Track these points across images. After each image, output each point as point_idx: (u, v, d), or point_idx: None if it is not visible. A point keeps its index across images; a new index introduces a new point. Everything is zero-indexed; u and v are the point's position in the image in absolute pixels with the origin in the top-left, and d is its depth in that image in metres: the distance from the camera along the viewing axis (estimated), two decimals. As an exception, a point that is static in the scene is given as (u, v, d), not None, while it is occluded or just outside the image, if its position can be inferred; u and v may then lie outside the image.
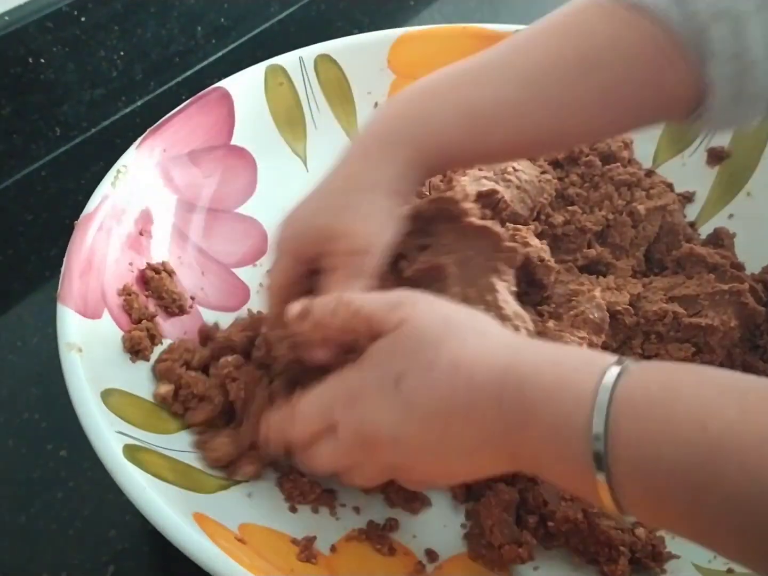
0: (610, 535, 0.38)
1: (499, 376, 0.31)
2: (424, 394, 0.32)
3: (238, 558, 0.34)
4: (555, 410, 0.30)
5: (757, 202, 0.55)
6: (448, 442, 0.33)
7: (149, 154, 0.52)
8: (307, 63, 0.61)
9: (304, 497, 0.42)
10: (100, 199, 0.48)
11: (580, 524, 0.39)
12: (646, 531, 0.39)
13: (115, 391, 0.41)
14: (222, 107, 0.57)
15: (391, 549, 0.40)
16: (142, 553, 0.43)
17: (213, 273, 0.53)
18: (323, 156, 0.60)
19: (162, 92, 0.74)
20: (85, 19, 0.65)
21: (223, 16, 0.77)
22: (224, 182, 0.56)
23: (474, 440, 0.32)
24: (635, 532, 0.38)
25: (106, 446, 0.36)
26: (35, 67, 0.62)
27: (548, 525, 0.40)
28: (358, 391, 0.34)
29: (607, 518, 0.38)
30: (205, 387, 0.43)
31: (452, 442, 0.33)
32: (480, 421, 0.32)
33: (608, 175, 0.56)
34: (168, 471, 0.38)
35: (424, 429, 0.33)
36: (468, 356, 0.32)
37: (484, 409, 0.31)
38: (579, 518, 0.39)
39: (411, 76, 0.64)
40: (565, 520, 0.39)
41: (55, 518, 0.44)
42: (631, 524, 0.39)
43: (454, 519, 0.42)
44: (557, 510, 0.39)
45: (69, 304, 0.42)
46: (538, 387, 0.30)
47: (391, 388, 0.33)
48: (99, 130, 0.70)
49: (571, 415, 0.29)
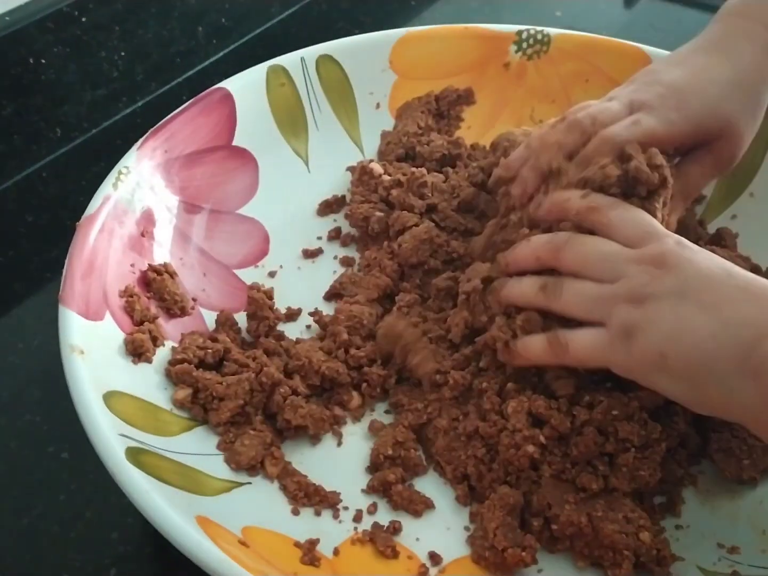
0: (615, 539, 0.38)
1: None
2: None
3: (240, 561, 0.34)
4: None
5: (760, 203, 0.55)
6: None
7: (150, 155, 0.52)
8: (308, 63, 0.61)
9: (309, 499, 0.42)
10: (101, 201, 0.47)
11: (584, 528, 0.38)
12: (650, 535, 0.38)
13: (117, 393, 0.41)
14: (223, 108, 0.57)
15: (394, 552, 0.40)
16: (144, 556, 0.43)
17: (215, 274, 0.53)
18: (325, 156, 0.60)
19: (163, 93, 0.74)
20: (86, 20, 0.64)
21: (224, 16, 0.77)
22: (226, 183, 0.56)
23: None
24: (640, 536, 0.38)
25: (109, 449, 0.36)
26: (36, 67, 0.62)
27: (552, 528, 0.39)
28: (644, 293, 0.37)
29: (612, 522, 0.38)
30: (224, 387, 0.44)
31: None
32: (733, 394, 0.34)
33: None
34: (170, 474, 0.38)
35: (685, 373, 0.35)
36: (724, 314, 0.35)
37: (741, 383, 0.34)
38: (583, 522, 0.38)
39: (413, 77, 0.64)
40: (570, 523, 0.38)
41: (57, 520, 0.44)
42: (636, 527, 0.38)
43: (457, 521, 0.42)
44: (561, 513, 0.39)
45: (71, 305, 0.42)
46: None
47: (685, 301, 0.35)
48: (100, 131, 0.69)
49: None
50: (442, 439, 0.44)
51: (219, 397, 0.43)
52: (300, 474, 0.43)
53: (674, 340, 0.36)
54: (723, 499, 0.42)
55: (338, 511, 0.42)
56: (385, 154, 0.61)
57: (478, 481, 0.42)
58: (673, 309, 0.36)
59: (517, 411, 0.41)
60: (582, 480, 0.40)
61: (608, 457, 0.41)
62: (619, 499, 0.40)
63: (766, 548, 0.39)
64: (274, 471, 0.42)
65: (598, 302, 0.39)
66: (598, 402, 0.41)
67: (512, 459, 0.41)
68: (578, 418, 0.41)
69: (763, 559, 0.39)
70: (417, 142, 0.60)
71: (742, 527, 0.41)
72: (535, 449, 0.40)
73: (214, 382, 0.44)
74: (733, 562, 0.39)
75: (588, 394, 0.41)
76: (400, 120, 0.63)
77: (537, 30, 0.63)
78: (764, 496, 0.42)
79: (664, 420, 0.42)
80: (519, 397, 0.42)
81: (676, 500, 0.42)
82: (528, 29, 0.63)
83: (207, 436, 0.43)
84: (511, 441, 0.41)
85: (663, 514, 0.42)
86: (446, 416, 0.44)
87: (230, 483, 0.41)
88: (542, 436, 0.40)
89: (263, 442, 0.43)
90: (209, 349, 0.46)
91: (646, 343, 0.36)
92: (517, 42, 0.63)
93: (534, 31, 0.63)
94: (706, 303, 0.35)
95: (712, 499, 0.42)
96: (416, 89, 0.64)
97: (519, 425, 0.41)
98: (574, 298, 0.40)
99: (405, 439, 0.44)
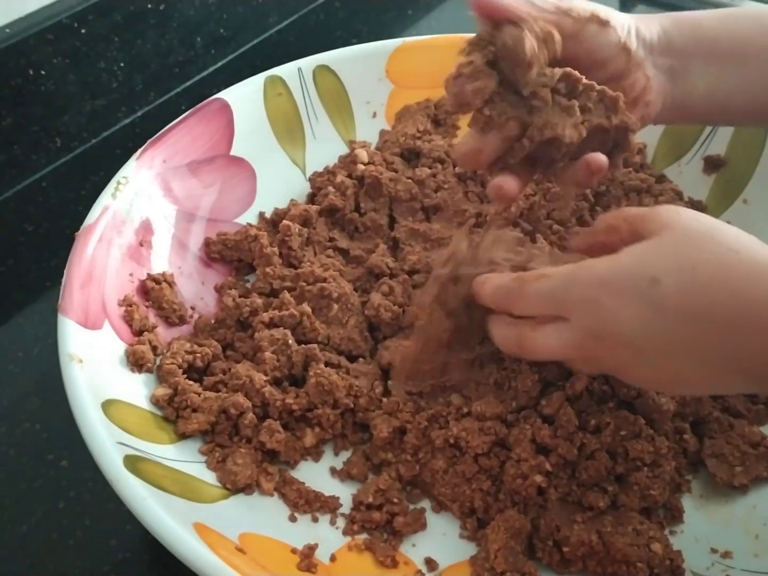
0: (627, 552, 0.38)
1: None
2: (682, 296, 0.32)
3: (237, 568, 0.34)
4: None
5: (753, 210, 0.55)
6: (696, 352, 0.33)
7: (149, 165, 0.52)
8: (305, 73, 0.61)
9: (310, 506, 0.42)
10: (100, 211, 0.48)
11: (595, 546, 0.38)
12: (662, 545, 0.38)
13: (116, 401, 0.41)
14: (221, 118, 0.57)
15: (393, 562, 0.40)
16: (143, 563, 0.43)
17: (213, 283, 0.53)
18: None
19: (162, 103, 0.74)
20: (85, 31, 0.65)
21: (222, 27, 0.78)
22: (224, 192, 0.57)
23: (731, 353, 0.32)
24: (651, 548, 0.38)
25: (107, 457, 0.37)
26: (36, 78, 0.63)
27: (564, 551, 0.39)
28: (605, 286, 0.34)
29: (622, 535, 0.38)
30: (200, 400, 0.43)
31: (700, 353, 0.33)
32: (743, 334, 0.32)
33: (619, 180, 0.57)
34: (168, 481, 0.39)
35: (673, 333, 0.33)
36: (739, 268, 0.32)
37: (752, 322, 0.32)
38: (594, 540, 0.38)
39: (409, 86, 0.64)
40: (581, 543, 0.38)
41: (56, 528, 0.44)
42: (647, 539, 0.39)
43: (453, 528, 0.42)
44: (571, 534, 0.39)
45: (70, 315, 0.42)
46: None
47: (643, 288, 0.33)
48: (99, 141, 0.70)
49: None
50: (441, 480, 0.42)
51: (192, 407, 0.43)
52: (298, 482, 0.43)
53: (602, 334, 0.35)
54: (716, 503, 0.42)
55: (336, 517, 0.42)
56: (382, 151, 0.61)
57: (485, 513, 0.41)
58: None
59: (520, 440, 0.41)
60: (589, 499, 0.40)
61: (615, 476, 0.41)
62: (626, 513, 0.40)
63: (759, 552, 0.40)
64: (270, 486, 0.42)
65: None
66: (605, 424, 0.41)
67: (519, 489, 0.40)
68: (587, 446, 0.40)
69: (756, 564, 0.39)
70: (418, 140, 0.61)
71: (735, 532, 0.41)
72: (543, 479, 0.40)
73: (191, 391, 0.44)
74: (726, 567, 0.39)
75: (592, 417, 0.41)
76: (398, 122, 0.64)
77: (532, 39, 0.63)
78: (757, 501, 0.42)
79: (671, 436, 0.43)
80: (522, 425, 0.41)
81: (677, 508, 0.42)
82: (523, 38, 0.64)
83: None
84: (517, 471, 0.40)
85: (669, 524, 0.42)
86: (441, 457, 0.43)
87: (227, 490, 0.42)
88: (548, 464, 0.40)
89: (255, 460, 0.43)
90: (197, 353, 0.46)
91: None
92: (512, 51, 0.64)
93: (529, 41, 0.63)
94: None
95: (706, 504, 0.43)
96: (412, 98, 0.64)
97: (524, 455, 0.41)
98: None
99: (388, 488, 0.42)
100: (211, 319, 0.50)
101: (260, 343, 0.47)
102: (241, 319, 0.49)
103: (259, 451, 0.43)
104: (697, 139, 0.58)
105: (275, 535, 0.40)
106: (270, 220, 0.57)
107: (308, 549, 0.39)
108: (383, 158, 0.59)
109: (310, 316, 0.48)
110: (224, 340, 0.49)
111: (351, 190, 0.56)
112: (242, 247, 0.53)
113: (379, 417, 0.44)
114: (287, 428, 0.45)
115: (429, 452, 0.43)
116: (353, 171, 0.58)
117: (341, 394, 0.45)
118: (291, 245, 0.52)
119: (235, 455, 0.42)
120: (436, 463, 0.43)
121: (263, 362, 0.46)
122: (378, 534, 0.41)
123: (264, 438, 0.43)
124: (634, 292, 0.33)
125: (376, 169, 0.57)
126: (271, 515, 0.41)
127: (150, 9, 0.70)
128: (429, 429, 0.43)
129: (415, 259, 0.53)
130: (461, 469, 0.42)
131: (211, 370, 0.47)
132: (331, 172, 0.59)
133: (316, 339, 0.48)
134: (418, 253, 0.53)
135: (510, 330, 0.39)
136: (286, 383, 0.46)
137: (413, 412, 0.44)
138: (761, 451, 0.43)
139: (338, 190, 0.56)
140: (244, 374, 0.45)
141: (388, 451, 0.44)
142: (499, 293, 0.39)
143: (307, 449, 0.45)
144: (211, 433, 0.44)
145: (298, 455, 0.44)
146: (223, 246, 0.54)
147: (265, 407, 0.44)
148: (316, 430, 0.45)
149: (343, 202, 0.56)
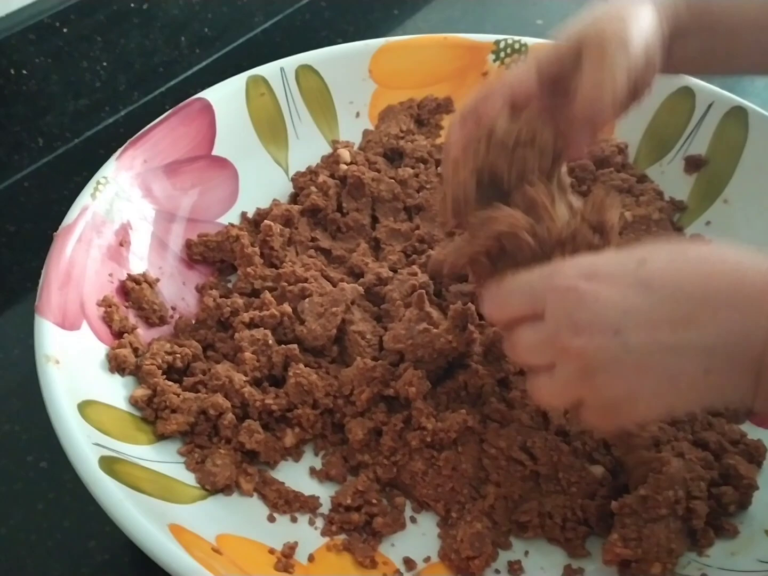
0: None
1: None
2: (673, 272, 0.32)
3: (213, 569, 0.34)
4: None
5: (733, 210, 0.55)
6: (685, 330, 0.31)
7: (130, 165, 0.52)
8: (288, 73, 0.61)
9: (290, 506, 0.42)
10: (79, 211, 0.48)
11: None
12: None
13: (93, 402, 0.41)
14: (203, 118, 0.57)
15: (373, 563, 0.40)
16: (123, 565, 0.43)
17: (194, 283, 0.53)
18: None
19: (146, 102, 0.74)
20: (68, 31, 0.65)
21: (207, 26, 0.78)
22: (205, 192, 0.57)
23: (717, 338, 0.30)
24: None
25: (82, 458, 0.37)
26: (18, 78, 0.63)
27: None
28: (589, 276, 0.33)
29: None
30: (179, 401, 0.43)
31: (690, 332, 0.31)
32: (732, 317, 0.30)
33: (601, 180, 0.57)
34: (145, 482, 0.38)
35: (659, 309, 0.31)
36: (729, 253, 0.32)
37: (743, 304, 0.30)
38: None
39: (393, 86, 0.64)
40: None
41: (36, 530, 0.44)
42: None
43: (432, 528, 0.42)
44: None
45: (47, 315, 0.42)
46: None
47: (631, 269, 0.32)
48: (82, 141, 0.70)
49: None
50: (422, 481, 0.42)
51: (172, 408, 0.43)
52: (278, 482, 0.43)
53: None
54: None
55: (315, 517, 0.42)
56: (365, 151, 0.61)
57: (471, 506, 0.42)
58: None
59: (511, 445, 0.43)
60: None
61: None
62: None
63: (735, 551, 0.40)
64: (250, 487, 0.42)
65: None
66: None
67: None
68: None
69: (732, 562, 0.39)
70: (401, 140, 0.61)
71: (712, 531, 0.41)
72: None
73: (170, 391, 0.44)
74: (702, 565, 0.39)
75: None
76: (382, 122, 0.64)
77: (514, 39, 0.64)
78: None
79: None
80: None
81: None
82: (506, 39, 0.64)
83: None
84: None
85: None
86: (419, 458, 0.43)
87: (206, 491, 0.42)
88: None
89: (235, 461, 0.43)
90: (177, 354, 0.46)
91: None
92: (495, 51, 0.64)
93: (512, 41, 0.64)
94: None
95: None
96: (396, 98, 0.64)
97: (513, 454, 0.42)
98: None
99: (366, 489, 0.42)
100: (191, 320, 0.50)
101: (240, 343, 0.46)
102: (222, 319, 0.49)
103: (238, 452, 0.43)
104: (678, 139, 0.58)
105: (253, 535, 0.40)
106: (252, 220, 0.57)
107: (288, 549, 0.39)
108: (366, 158, 0.59)
109: (291, 316, 0.48)
110: (205, 340, 0.49)
111: (333, 190, 0.56)
112: (224, 247, 0.53)
113: (354, 420, 0.44)
114: (267, 429, 0.45)
115: (406, 454, 0.43)
116: (336, 171, 0.58)
117: (321, 394, 0.44)
118: (272, 245, 0.52)
119: (214, 456, 0.42)
120: (414, 465, 0.43)
121: (243, 362, 0.46)
122: (357, 534, 0.41)
123: (243, 439, 0.43)
124: (622, 273, 0.33)
125: (358, 169, 0.57)
126: (250, 516, 0.41)
127: (133, 8, 0.69)
128: (405, 431, 0.43)
129: (395, 258, 0.53)
130: (441, 467, 0.42)
131: (191, 370, 0.47)
132: (314, 172, 0.59)
133: (296, 339, 0.48)
134: (398, 253, 0.53)
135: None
136: (266, 384, 0.46)
137: (387, 413, 0.44)
138: (741, 449, 0.43)
139: (321, 190, 0.56)
140: (223, 375, 0.45)
141: (365, 453, 0.44)
142: (487, 302, 0.38)
143: (287, 449, 0.44)
144: (190, 434, 0.44)
145: (278, 456, 0.44)
146: (204, 248, 0.54)
147: (245, 408, 0.44)
148: (297, 431, 0.45)
149: (326, 202, 0.56)
